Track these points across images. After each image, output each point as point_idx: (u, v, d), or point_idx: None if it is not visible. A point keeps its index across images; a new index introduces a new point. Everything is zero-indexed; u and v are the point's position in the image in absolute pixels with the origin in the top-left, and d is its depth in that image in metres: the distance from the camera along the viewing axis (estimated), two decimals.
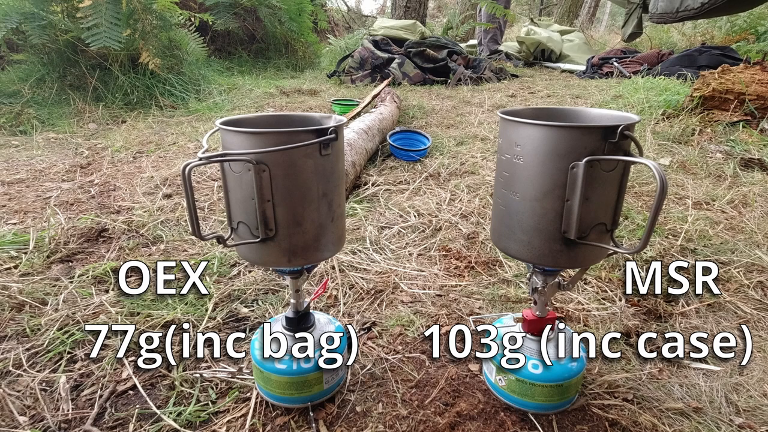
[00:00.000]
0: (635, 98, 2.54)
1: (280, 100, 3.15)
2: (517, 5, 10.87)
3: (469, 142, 2.10)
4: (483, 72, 4.02)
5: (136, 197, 1.48)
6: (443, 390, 0.72)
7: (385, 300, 0.96)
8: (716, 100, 2.04)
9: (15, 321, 0.86)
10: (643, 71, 3.55)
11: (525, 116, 0.54)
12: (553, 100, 3.12)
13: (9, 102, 2.51)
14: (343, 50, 4.90)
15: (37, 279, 0.99)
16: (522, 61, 5.35)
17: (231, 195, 0.54)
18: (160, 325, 0.86)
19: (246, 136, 0.50)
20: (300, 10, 4.57)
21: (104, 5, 2.48)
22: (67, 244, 1.15)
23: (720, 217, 1.32)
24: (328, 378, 0.66)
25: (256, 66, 4.49)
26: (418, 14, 5.13)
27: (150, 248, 1.16)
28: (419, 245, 1.19)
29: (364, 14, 8.40)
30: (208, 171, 1.71)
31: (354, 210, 1.38)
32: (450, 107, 2.89)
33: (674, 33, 5.40)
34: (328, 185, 0.55)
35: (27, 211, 1.37)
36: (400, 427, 0.65)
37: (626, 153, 0.50)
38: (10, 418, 0.66)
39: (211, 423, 0.66)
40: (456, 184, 1.58)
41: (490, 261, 1.11)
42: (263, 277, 1.02)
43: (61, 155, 1.96)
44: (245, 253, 0.58)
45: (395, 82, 3.76)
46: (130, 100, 2.76)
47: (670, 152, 1.84)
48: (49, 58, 2.72)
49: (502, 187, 0.57)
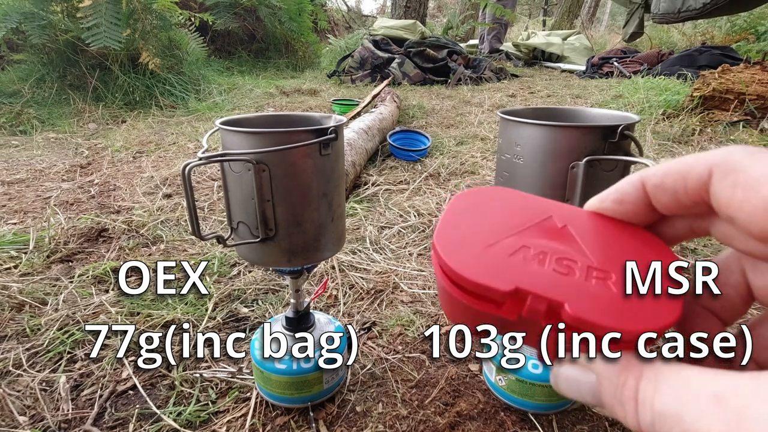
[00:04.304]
0: (635, 98, 2.54)
1: (280, 100, 3.15)
2: (518, 5, 10.86)
3: (469, 141, 2.10)
4: (483, 72, 4.02)
5: (136, 197, 1.48)
6: (443, 390, 0.72)
7: (385, 300, 0.96)
8: (716, 100, 2.04)
9: (15, 321, 0.86)
10: (643, 71, 3.55)
11: (525, 116, 0.54)
12: (553, 100, 3.12)
13: (9, 102, 2.52)
14: (343, 50, 4.90)
15: (37, 279, 0.99)
16: (522, 61, 5.35)
17: (231, 195, 0.54)
18: (160, 325, 0.86)
19: (246, 136, 0.50)
20: (300, 10, 4.57)
21: (104, 5, 2.48)
22: (67, 244, 1.15)
23: None
24: (328, 378, 0.66)
25: (256, 66, 4.49)
26: (418, 14, 5.13)
27: (150, 248, 1.16)
28: (419, 245, 1.19)
29: (364, 14, 8.40)
30: (208, 171, 1.71)
31: (354, 210, 1.38)
32: (450, 107, 2.89)
33: (674, 33, 5.39)
34: (328, 185, 0.55)
35: (27, 211, 1.37)
36: (400, 427, 0.65)
37: (626, 153, 0.50)
38: (10, 418, 0.66)
39: (211, 423, 0.66)
40: (456, 184, 1.58)
41: None
42: (263, 277, 1.02)
43: (61, 155, 1.96)
44: (245, 253, 0.58)
45: (395, 82, 3.76)
46: (130, 100, 2.76)
47: (670, 152, 1.84)
48: (49, 58, 2.72)
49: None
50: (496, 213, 0.23)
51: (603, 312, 0.18)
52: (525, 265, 0.20)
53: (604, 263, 0.20)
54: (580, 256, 0.20)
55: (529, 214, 0.23)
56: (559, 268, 0.20)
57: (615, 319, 0.18)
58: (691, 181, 0.18)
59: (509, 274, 0.19)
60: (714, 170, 0.17)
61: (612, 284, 0.19)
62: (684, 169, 0.18)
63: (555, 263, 0.20)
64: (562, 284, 0.19)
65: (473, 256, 0.20)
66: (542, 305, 0.18)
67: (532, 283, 0.19)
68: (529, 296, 0.19)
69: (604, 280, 0.19)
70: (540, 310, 0.19)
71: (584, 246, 0.21)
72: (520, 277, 0.19)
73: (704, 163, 0.17)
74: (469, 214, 0.23)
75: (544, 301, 0.18)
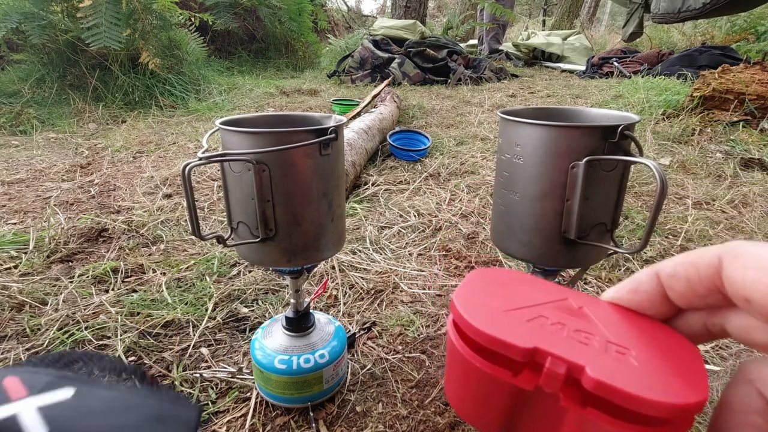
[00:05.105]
0: (635, 98, 2.54)
1: (280, 100, 3.15)
2: (517, 5, 10.86)
3: (469, 141, 2.10)
4: (483, 72, 4.02)
5: (136, 197, 1.48)
6: (443, 390, 0.72)
7: (385, 300, 0.96)
8: (716, 99, 2.04)
9: (15, 321, 0.86)
10: (643, 71, 3.54)
11: (525, 116, 0.54)
12: (553, 100, 3.12)
13: (9, 102, 2.51)
14: (343, 50, 4.90)
15: (37, 279, 0.99)
16: (522, 61, 5.35)
17: (231, 195, 0.54)
18: (160, 325, 0.86)
19: (246, 136, 0.50)
20: (300, 10, 4.57)
21: (104, 5, 2.48)
22: (67, 244, 1.15)
23: (720, 217, 1.32)
24: (328, 378, 0.66)
25: (256, 66, 4.49)
26: (418, 14, 5.13)
27: (150, 248, 1.16)
28: (419, 245, 1.19)
29: (364, 14, 8.40)
30: (208, 171, 1.71)
31: (354, 210, 1.38)
32: (450, 107, 2.89)
33: (674, 33, 5.39)
34: (328, 185, 0.55)
35: (27, 211, 1.37)
36: (400, 427, 0.65)
37: (626, 153, 0.50)
38: None
39: (211, 423, 0.66)
40: (456, 184, 1.58)
41: (490, 261, 1.11)
42: (263, 277, 1.02)
43: (61, 155, 1.96)
44: (245, 253, 0.58)
45: (395, 82, 3.76)
46: (130, 100, 2.76)
47: (670, 152, 1.84)
48: (49, 58, 2.72)
49: (502, 186, 0.57)
50: (512, 288, 0.23)
51: (628, 380, 0.17)
52: (543, 329, 0.20)
53: (622, 341, 0.19)
54: (598, 332, 0.20)
55: (544, 293, 0.23)
56: (578, 337, 0.19)
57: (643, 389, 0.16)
58: (702, 267, 0.19)
59: (528, 335, 0.19)
60: (723, 256, 0.18)
61: (633, 359, 0.18)
62: (694, 259, 0.19)
63: (573, 333, 0.20)
64: (582, 351, 0.18)
65: (492, 317, 0.20)
66: (561, 369, 0.18)
67: (552, 345, 0.18)
68: (548, 358, 0.18)
69: (625, 355, 0.18)
70: (559, 375, 0.18)
71: (601, 326, 0.21)
72: (539, 338, 0.19)
73: (714, 251, 0.18)
74: (486, 286, 0.23)
75: (564, 364, 0.18)
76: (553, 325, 0.20)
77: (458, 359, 0.20)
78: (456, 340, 0.20)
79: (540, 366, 0.18)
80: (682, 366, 0.18)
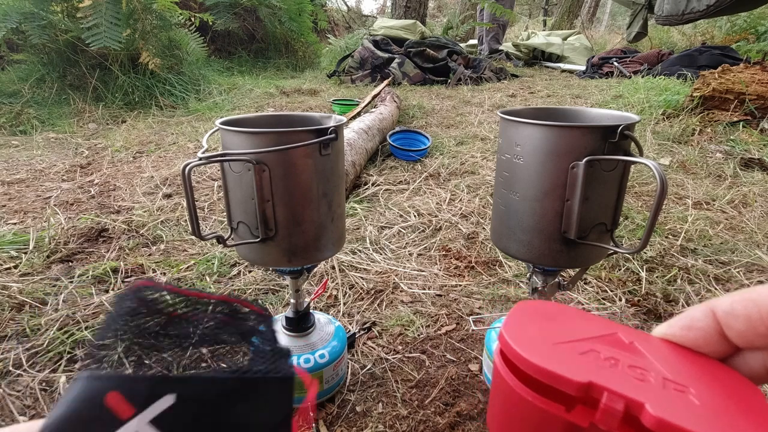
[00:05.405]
0: (635, 98, 2.54)
1: (280, 100, 3.15)
2: (517, 5, 10.86)
3: (469, 141, 2.10)
4: (483, 72, 4.02)
5: (136, 197, 1.48)
6: (443, 390, 0.72)
7: (385, 300, 0.96)
8: (716, 100, 2.04)
9: (15, 321, 0.86)
10: (643, 71, 3.54)
11: (525, 116, 0.54)
12: (553, 100, 3.12)
13: (9, 102, 2.51)
14: (343, 50, 4.89)
15: (37, 279, 0.99)
16: (522, 61, 5.35)
17: (231, 195, 0.54)
18: None
19: (246, 136, 0.50)
20: (300, 10, 4.57)
21: (104, 5, 2.48)
22: (67, 244, 1.15)
23: (720, 217, 1.32)
24: (328, 378, 0.66)
25: (256, 66, 4.49)
26: (418, 14, 5.13)
27: (150, 248, 1.16)
28: (419, 245, 1.19)
29: (364, 14, 8.40)
30: (208, 171, 1.71)
31: (354, 210, 1.38)
32: (450, 107, 2.89)
33: (674, 33, 5.39)
34: (328, 185, 0.55)
35: (27, 211, 1.37)
36: (400, 427, 0.65)
37: (626, 153, 0.50)
38: (10, 418, 0.66)
39: None
40: (456, 184, 1.58)
41: (490, 261, 1.11)
42: (263, 277, 1.02)
43: (61, 155, 1.96)
44: (245, 253, 0.58)
45: (395, 82, 3.76)
46: (130, 100, 2.76)
47: (670, 152, 1.84)
48: (49, 58, 2.72)
49: (502, 187, 0.57)
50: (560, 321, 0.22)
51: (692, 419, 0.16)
52: (597, 364, 0.18)
53: (680, 378, 0.18)
54: (653, 368, 0.19)
55: (593, 327, 0.22)
56: (633, 373, 0.18)
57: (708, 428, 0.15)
58: (764, 305, 0.18)
59: (582, 369, 0.18)
60: None
61: (693, 397, 0.17)
62: (754, 297, 0.18)
63: (627, 369, 0.18)
64: (639, 387, 0.17)
65: (543, 350, 0.19)
66: (619, 405, 0.17)
67: (607, 380, 0.17)
68: (604, 393, 0.17)
69: (684, 393, 0.17)
70: (617, 412, 0.17)
71: (656, 362, 0.19)
72: (593, 373, 0.18)
73: None
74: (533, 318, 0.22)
75: (622, 400, 0.17)
76: (606, 360, 0.19)
77: (506, 391, 0.20)
78: (504, 372, 0.20)
79: (595, 401, 0.17)
80: (745, 405, 0.17)
